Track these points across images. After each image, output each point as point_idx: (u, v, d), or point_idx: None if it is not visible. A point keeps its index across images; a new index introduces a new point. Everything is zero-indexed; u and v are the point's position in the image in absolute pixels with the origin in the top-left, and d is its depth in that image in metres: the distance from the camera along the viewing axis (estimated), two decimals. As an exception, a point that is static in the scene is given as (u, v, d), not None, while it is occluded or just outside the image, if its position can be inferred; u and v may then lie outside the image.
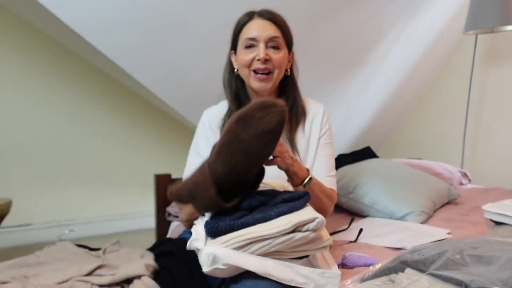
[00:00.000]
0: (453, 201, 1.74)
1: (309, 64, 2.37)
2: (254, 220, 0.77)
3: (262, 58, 1.07)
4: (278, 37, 1.09)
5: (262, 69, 1.08)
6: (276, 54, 1.09)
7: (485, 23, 2.28)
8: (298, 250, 0.79)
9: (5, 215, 2.05)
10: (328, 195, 1.11)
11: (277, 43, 1.09)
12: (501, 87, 2.70)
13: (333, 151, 1.23)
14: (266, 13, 1.10)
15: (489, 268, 0.58)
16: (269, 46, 1.09)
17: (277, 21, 1.10)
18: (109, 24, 1.74)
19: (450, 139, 2.96)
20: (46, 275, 0.85)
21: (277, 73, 1.11)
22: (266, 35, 1.08)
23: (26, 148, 2.52)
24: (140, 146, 2.84)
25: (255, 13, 1.12)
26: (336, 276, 0.78)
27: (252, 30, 1.09)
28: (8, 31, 2.39)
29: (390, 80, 2.93)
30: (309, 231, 0.77)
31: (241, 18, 1.14)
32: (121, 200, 2.87)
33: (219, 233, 0.76)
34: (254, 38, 1.08)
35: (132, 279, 0.87)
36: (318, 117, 1.22)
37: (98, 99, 2.71)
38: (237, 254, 0.74)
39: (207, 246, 0.76)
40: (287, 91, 1.19)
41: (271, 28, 1.09)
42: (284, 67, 1.13)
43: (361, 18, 2.35)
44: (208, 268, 0.74)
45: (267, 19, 1.09)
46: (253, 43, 1.09)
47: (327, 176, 1.17)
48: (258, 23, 1.09)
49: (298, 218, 0.77)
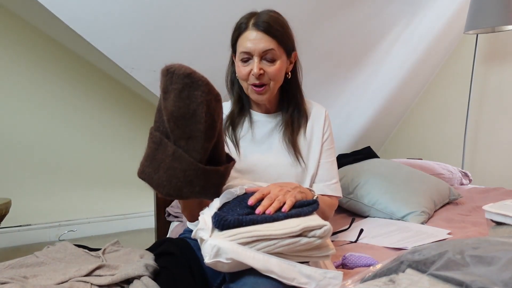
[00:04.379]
0: (454, 201, 1.74)
1: (309, 64, 2.37)
2: (263, 218, 0.78)
3: (256, 73, 1.06)
4: (273, 49, 1.06)
5: (257, 84, 1.09)
6: (270, 67, 1.08)
7: (485, 22, 2.28)
8: (301, 255, 0.79)
9: (4, 216, 2.05)
10: (330, 206, 1.14)
11: (272, 55, 1.07)
12: (502, 86, 2.70)
13: (334, 156, 1.24)
14: (261, 24, 1.06)
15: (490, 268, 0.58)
16: (264, 59, 1.07)
17: (272, 32, 1.06)
18: (109, 24, 1.74)
19: (450, 139, 2.96)
20: (46, 275, 0.85)
21: (273, 84, 1.10)
22: (260, 49, 1.06)
23: (25, 149, 2.52)
24: (141, 146, 2.84)
25: (252, 18, 1.08)
26: (338, 277, 0.78)
27: (247, 43, 1.07)
28: (8, 31, 2.39)
29: (391, 80, 2.93)
30: (315, 238, 0.77)
31: (239, 23, 1.11)
32: (121, 200, 2.87)
33: (227, 226, 0.76)
34: (248, 52, 1.07)
35: (132, 279, 0.86)
36: (320, 121, 1.21)
37: (98, 99, 2.71)
38: (241, 249, 0.74)
39: (212, 238, 0.75)
40: (289, 94, 1.18)
41: (266, 41, 1.06)
42: (280, 76, 1.11)
43: (361, 18, 2.35)
44: (210, 259, 0.73)
45: (262, 31, 1.06)
46: (248, 57, 1.08)
47: (332, 184, 1.17)
48: (252, 35, 1.06)
49: (306, 223, 0.77)
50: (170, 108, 0.80)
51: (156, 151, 0.83)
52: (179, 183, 0.81)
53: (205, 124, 0.81)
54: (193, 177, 0.81)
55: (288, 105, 1.19)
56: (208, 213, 0.82)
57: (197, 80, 0.80)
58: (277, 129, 1.18)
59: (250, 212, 0.81)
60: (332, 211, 1.17)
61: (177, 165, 0.80)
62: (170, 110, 0.80)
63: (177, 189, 0.81)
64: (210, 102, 0.82)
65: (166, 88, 0.82)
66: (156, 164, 0.82)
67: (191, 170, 0.80)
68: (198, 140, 0.81)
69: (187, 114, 0.80)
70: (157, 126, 0.85)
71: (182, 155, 0.80)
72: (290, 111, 1.18)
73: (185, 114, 0.80)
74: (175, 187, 0.81)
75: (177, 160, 0.80)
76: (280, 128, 1.17)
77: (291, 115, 1.18)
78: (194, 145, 0.81)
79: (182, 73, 0.80)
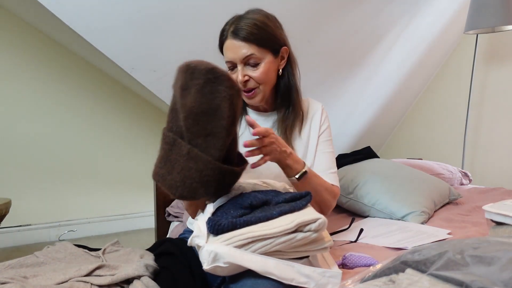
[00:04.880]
0: (454, 201, 1.74)
1: (309, 64, 2.37)
2: (256, 218, 0.77)
3: (241, 81, 1.07)
4: (253, 54, 1.06)
5: (245, 90, 1.10)
6: (255, 72, 1.08)
7: (485, 22, 2.28)
8: (299, 250, 0.79)
9: (4, 216, 2.05)
10: (328, 189, 1.11)
11: (254, 60, 1.07)
12: (502, 86, 2.70)
13: (333, 148, 1.23)
14: (238, 31, 1.06)
15: (490, 268, 0.58)
16: (247, 64, 1.08)
17: (249, 37, 1.05)
18: (109, 24, 1.74)
19: (450, 139, 2.96)
20: (46, 275, 0.85)
21: (262, 87, 1.11)
22: (239, 57, 1.06)
23: (25, 149, 2.52)
24: (140, 146, 2.84)
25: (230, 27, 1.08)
26: (337, 276, 0.78)
27: (227, 52, 1.08)
28: (8, 31, 2.39)
29: (391, 80, 2.93)
30: (311, 232, 0.77)
31: (222, 30, 1.11)
32: (121, 200, 2.87)
33: (221, 231, 0.76)
34: (230, 61, 1.09)
35: (132, 279, 0.86)
36: (317, 116, 1.22)
37: (98, 99, 2.71)
38: (239, 253, 0.74)
39: (208, 244, 0.75)
40: (282, 94, 1.17)
41: (244, 47, 1.06)
42: (268, 77, 1.11)
43: (361, 17, 2.35)
44: (208, 265, 0.74)
45: (239, 39, 1.06)
46: (232, 66, 1.10)
47: (329, 173, 1.17)
48: (231, 44, 1.07)
49: (300, 218, 0.77)
50: (190, 104, 0.78)
51: (170, 152, 0.80)
52: (194, 184, 0.78)
53: (227, 120, 0.78)
54: (210, 177, 0.78)
55: (281, 104, 1.19)
56: (202, 219, 0.82)
57: (220, 75, 0.78)
58: (274, 128, 1.18)
59: (244, 213, 0.80)
60: (333, 198, 1.13)
61: (192, 165, 0.77)
62: (190, 107, 0.77)
63: (192, 190, 0.78)
64: (233, 97, 0.80)
65: (185, 85, 0.79)
66: (170, 165, 0.79)
67: (209, 170, 0.78)
68: (219, 137, 0.78)
69: (209, 110, 0.77)
70: (170, 127, 0.82)
71: (198, 154, 0.77)
72: (284, 111, 1.18)
73: (207, 110, 0.77)
74: (189, 188, 0.78)
75: (193, 160, 0.77)
76: (275, 128, 1.18)
77: (285, 115, 1.18)
78: (214, 143, 0.78)
79: (204, 68, 0.78)
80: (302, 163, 1.03)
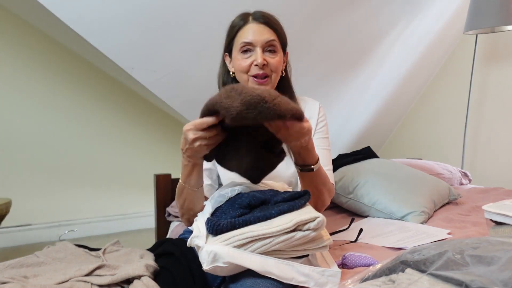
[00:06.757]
0: (454, 201, 1.74)
1: (309, 65, 2.38)
2: (255, 218, 0.77)
3: (260, 63, 1.06)
4: (275, 40, 1.09)
5: (260, 74, 1.08)
6: (273, 58, 1.09)
7: (485, 22, 2.28)
8: (298, 249, 0.79)
9: (5, 215, 2.06)
10: (328, 189, 1.11)
11: (273, 47, 1.09)
12: (501, 86, 2.70)
13: (329, 146, 1.23)
14: (261, 17, 1.09)
15: (489, 268, 0.58)
16: (266, 50, 1.09)
17: (272, 25, 1.09)
18: (109, 24, 1.74)
19: (450, 139, 2.96)
20: (46, 275, 0.85)
21: (274, 76, 1.11)
22: (263, 39, 1.07)
23: (25, 149, 2.52)
24: (140, 146, 2.84)
25: (249, 15, 1.11)
26: (336, 275, 0.78)
27: (248, 34, 1.08)
28: (8, 31, 2.39)
29: (390, 80, 2.93)
30: (310, 230, 0.77)
31: (236, 21, 1.12)
32: (121, 200, 2.87)
33: (220, 231, 0.76)
34: (250, 42, 1.08)
35: (132, 279, 0.86)
36: (314, 114, 1.22)
37: (98, 99, 2.71)
38: (238, 253, 0.74)
39: (208, 244, 0.76)
40: (283, 92, 1.18)
41: (267, 32, 1.08)
42: (281, 69, 1.13)
43: (361, 18, 2.35)
44: (208, 266, 0.74)
45: (263, 23, 1.08)
46: (249, 48, 1.09)
47: (325, 170, 1.16)
48: (254, 27, 1.08)
49: (299, 217, 0.77)
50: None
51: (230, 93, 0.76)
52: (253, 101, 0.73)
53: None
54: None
55: None
56: (201, 220, 0.82)
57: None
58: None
59: (243, 213, 0.81)
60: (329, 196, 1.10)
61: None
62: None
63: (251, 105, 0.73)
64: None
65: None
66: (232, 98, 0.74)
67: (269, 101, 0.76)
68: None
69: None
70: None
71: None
72: None
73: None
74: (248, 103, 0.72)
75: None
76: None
77: None
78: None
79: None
80: (316, 159, 0.98)
